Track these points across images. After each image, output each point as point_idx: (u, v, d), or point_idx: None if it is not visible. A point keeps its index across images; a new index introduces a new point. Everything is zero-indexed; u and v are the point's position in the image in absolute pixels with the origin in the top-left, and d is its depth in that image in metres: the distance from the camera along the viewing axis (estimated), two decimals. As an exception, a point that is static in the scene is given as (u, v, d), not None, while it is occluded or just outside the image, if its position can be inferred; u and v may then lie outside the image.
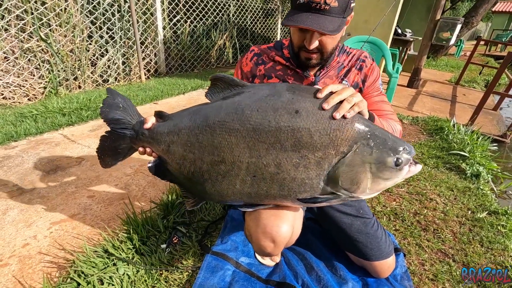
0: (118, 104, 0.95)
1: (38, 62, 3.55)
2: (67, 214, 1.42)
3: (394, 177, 0.77)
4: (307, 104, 0.75)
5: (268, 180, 0.80)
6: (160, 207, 1.41)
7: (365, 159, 0.74)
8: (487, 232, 1.54)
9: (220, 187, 0.87)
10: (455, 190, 1.92)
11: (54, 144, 2.12)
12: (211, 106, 0.84)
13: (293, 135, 0.75)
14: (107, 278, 1.07)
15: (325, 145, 0.74)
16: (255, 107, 0.76)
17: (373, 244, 1.13)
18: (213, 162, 0.84)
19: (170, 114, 0.92)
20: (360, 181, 0.76)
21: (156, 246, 1.24)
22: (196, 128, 0.84)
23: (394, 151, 0.74)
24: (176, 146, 0.89)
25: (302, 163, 0.76)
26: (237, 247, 1.29)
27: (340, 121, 0.73)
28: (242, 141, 0.78)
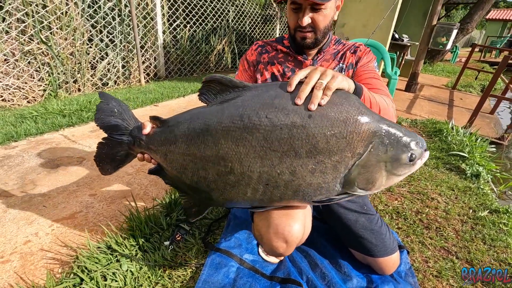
0: (113, 108, 0.90)
1: (38, 64, 3.55)
2: (68, 212, 1.41)
3: (407, 172, 0.77)
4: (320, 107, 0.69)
5: (282, 187, 0.76)
6: (163, 205, 1.40)
7: (380, 158, 0.72)
8: (489, 230, 1.54)
9: (229, 196, 0.82)
10: (456, 190, 1.93)
11: (54, 144, 2.11)
12: (210, 112, 0.77)
13: (308, 141, 0.69)
14: (110, 274, 1.05)
15: (341, 148, 0.70)
16: (264, 113, 0.70)
17: (378, 240, 1.13)
18: (220, 173, 0.78)
19: (166, 119, 0.86)
20: (376, 180, 0.75)
21: (159, 243, 1.23)
22: (196, 137, 0.78)
23: (408, 147, 0.73)
24: (174, 155, 0.83)
25: (319, 168, 0.72)
26: (240, 244, 1.28)
27: (355, 123, 0.69)
28: (252, 151, 0.72)
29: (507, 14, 18.32)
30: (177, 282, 1.10)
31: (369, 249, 1.14)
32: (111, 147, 0.93)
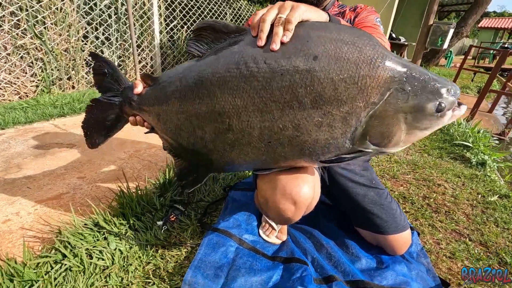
0: (104, 69, 0.85)
1: (31, 59, 3.47)
2: (54, 193, 1.30)
3: (434, 126, 0.64)
4: (327, 46, 0.59)
5: (286, 145, 0.67)
6: (157, 185, 1.31)
7: (399, 107, 0.61)
8: (500, 213, 1.46)
9: (229, 157, 0.74)
10: (462, 177, 1.86)
11: (43, 132, 2.01)
12: (204, 62, 0.68)
13: (313, 88, 0.60)
14: (97, 252, 0.95)
15: (352, 97, 0.60)
16: (262, 57, 0.61)
17: (388, 216, 1.05)
18: (218, 131, 0.70)
19: (157, 76, 0.79)
20: (393, 134, 0.63)
21: (152, 223, 1.14)
22: (189, 91, 0.69)
23: (436, 94, 0.60)
24: (167, 115, 0.75)
25: (326, 121, 0.62)
26: (240, 225, 1.19)
27: (370, 65, 0.58)
28: (250, 103, 0.64)
29: (498, 22, 18.74)
30: (171, 262, 1.00)
31: (379, 225, 1.05)
32: (101, 110, 0.86)
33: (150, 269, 0.96)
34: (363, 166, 1.14)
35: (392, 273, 1.01)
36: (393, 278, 1.00)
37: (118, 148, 1.81)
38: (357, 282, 0.98)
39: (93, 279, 0.89)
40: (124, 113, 0.85)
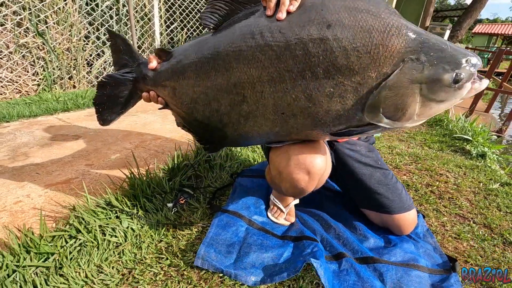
0: (119, 46, 0.85)
1: (33, 58, 3.48)
2: (63, 178, 1.31)
3: (451, 98, 0.61)
4: (341, 14, 0.59)
5: (299, 116, 0.68)
6: (166, 170, 1.32)
7: (414, 78, 0.59)
8: (503, 199, 1.49)
9: (244, 130, 0.75)
10: (463, 167, 1.89)
11: (48, 125, 2.02)
12: (220, 34, 0.69)
13: (325, 57, 0.60)
14: (110, 230, 0.96)
15: (364, 66, 0.59)
16: (276, 27, 0.62)
17: (394, 195, 1.07)
18: (233, 102, 0.71)
19: (172, 50, 0.80)
20: (407, 106, 0.61)
21: (162, 205, 1.15)
22: (206, 63, 0.70)
23: (453, 64, 0.58)
24: (183, 88, 0.76)
25: (337, 92, 0.63)
26: (249, 207, 1.20)
27: (383, 34, 0.58)
28: (265, 73, 0.65)
29: (491, 28, 19.14)
30: (182, 241, 1.01)
31: (386, 205, 1.07)
32: (114, 86, 0.86)
33: (162, 246, 0.97)
34: (368, 148, 1.17)
35: (400, 251, 1.03)
36: (402, 255, 1.02)
37: (124, 139, 1.82)
38: (367, 259, 1.00)
39: (106, 254, 0.89)
40: (138, 89, 0.86)
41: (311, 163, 0.80)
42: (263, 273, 0.90)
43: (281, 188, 0.91)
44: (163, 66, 0.80)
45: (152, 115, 2.43)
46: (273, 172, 0.91)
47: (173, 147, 1.74)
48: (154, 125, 2.14)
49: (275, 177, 0.91)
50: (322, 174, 0.85)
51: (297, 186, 0.84)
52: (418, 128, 2.81)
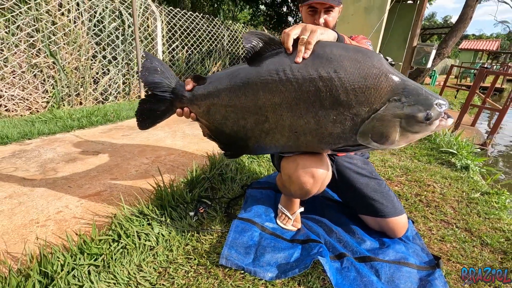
0: (156, 67, 0.99)
1: (44, 77, 3.66)
2: (94, 191, 1.46)
3: (423, 131, 0.81)
4: (345, 63, 0.78)
5: (308, 135, 0.88)
6: (185, 182, 1.48)
7: (396, 114, 0.78)
8: (482, 207, 1.68)
9: (263, 143, 0.94)
10: (449, 179, 2.09)
11: (68, 142, 2.18)
12: (251, 67, 0.88)
13: (331, 94, 0.79)
14: (144, 235, 1.12)
15: (359, 102, 0.79)
16: (296, 67, 0.81)
17: (387, 201, 1.25)
18: (257, 121, 0.90)
19: (207, 76, 0.97)
20: (390, 134, 0.81)
21: (185, 213, 1.31)
22: (238, 89, 0.89)
23: (426, 106, 0.77)
24: (217, 108, 0.93)
25: (339, 119, 0.82)
26: (260, 215, 1.37)
27: (375, 80, 0.76)
28: (285, 101, 0.84)
29: (477, 44, 20.02)
30: (205, 244, 1.17)
31: (381, 210, 1.25)
32: (154, 103, 1.01)
33: (189, 249, 1.13)
34: (364, 161, 1.36)
35: (393, 251, 1.20)
36: (394, 254, 1.19)
37: (140, 155, 1.99)
38: (364, 258, 1.16)
39: (144, 255, 1.05)
40: (174, 106, 1.02)
41: (316, 169, 1.00)
42: (278, 270, 1.06)
43: (291, 190, 1.09)
44: (200, 89, 0.96)
45: (162, 131, 2.61)
46: (284, 177, 1.10)
47: (186, 162, 1.91)
48: (166, 141, 2.31)
49: (285, 181, 1.10)
50: (324, 179, 1.04)
51: (303, 187, 1.03)
52: (408, 142, 3.02)
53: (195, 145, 2.29)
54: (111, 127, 2.62)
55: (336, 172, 1.34)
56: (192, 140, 2.41)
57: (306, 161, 1.00)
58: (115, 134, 2.42)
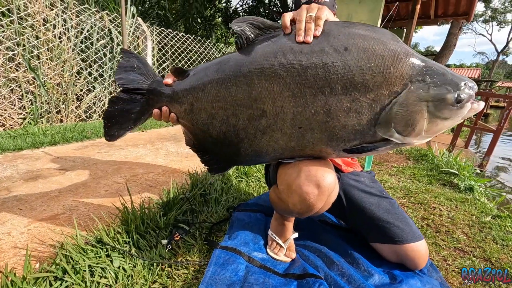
0: (132, 64, 0.86)
1: (21, 92, 3.45)
2: (49, 214, 1.22)
3: (454, 116, 0.68)
4: (357, 40, 0.66)
5: (316, 130, 0.71)
6: (160, 203, 1.26)
7: (421, 97, 0.66)
8: (497, 232, 1.50)
9: (259, 146, 0.77)
10: (454, 201, 1.92)
11: (34, 158, 1.94)
12: (242, 54, 0.73)
13: (343, 75, 0.66)
14: (99, 270, 0.88)
15: (378, 84, 0.66)
16: (298, 48, 0.68)
17: (404, 224, 1.06)
18: (251, 117, 0.73)
19: (190, 69, 0.82)
20: (416, 122, 0.67)
21: (156, 241, 1.08)
22: (227, 79, 0.73)
23: (454, 86, 0.66)
24: (202, 103, 0.77)
25: (354, 107, 0.67)
26: (247, 243, 1.15)
27: (393, 57, 0.65)
28: (286, 88, 0.69)
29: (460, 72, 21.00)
30: (178, 281, 0.94)
31: (397, 234, 1.04)
32: (127, 102, 0.86)
33: (157, 287, 0.90)
34: (372, 179, 1.19)
35: (407, 287, 0.99)
36: (409, 292, 0.98)
37: (114, 173, 1.76)
38: (374, 297, 0.95)
39: (95, 298, 0.81)
40: (150, 106, 0.86)
41: (322, 176, 0.78)
42: (268, 315, 0.84)
43: (288, 203, 0.87)
44: (182, 83, 0.81)
45: (143, 149, 2.40)
46: (281, 187, 0.88)
47: (166, 181, 1.69)
48: (146, 159, 2.10)
49: (282, 191, 0.88)
50: (332, 191, 0.83)
51: (305, 199, 0.80)
52: (406, 163, 2.88)
53: (178, 163, 2.09)
54: (87, 144, 2.40)
55: (343, 194, 1.15)
56: (176, 158, 2.20)
57: (310, 167, 0.79)
58: (90, 151, 2.20)
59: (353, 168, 1.24)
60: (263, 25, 0.73)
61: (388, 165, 2.73)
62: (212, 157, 0.84)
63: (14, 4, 3.32)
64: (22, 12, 3.40)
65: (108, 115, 0.88)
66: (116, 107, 0.87)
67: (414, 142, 0.72)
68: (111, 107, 0.87)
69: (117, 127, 0.89)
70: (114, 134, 0.89)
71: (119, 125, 0.89)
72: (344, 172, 1.18)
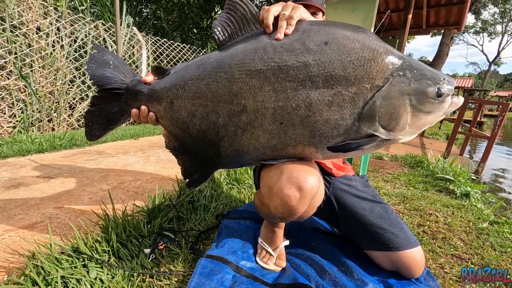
0: (108, 61, 0.83)
1: (12, 100, 3.41)
2: (26, 222, 1.16)
3: (436, 110, 0.68)
4: (337, 35, 0.67)
5: (298, 126, 0.69)
6: (145, 210, 1.21)
7: (403, 90, 0.66)
8: (495, 238, 1.46)
9: (239, 144, 0.74)
10: (451, 207, 1.88)
11: (18, 166, 1.88)
12: (223, 50, 0.74)
13: (324, 69, 0.66)
14: (74, 282, 0.82)
15: (359, 78, 0.66)
16: (278, 43, 0.68)
17: (398, 229, 1.01)
18: (232, 113, 0.72)
19: (170, 67, 0.82)
20: (400, 115, 0.67)
21: (138, 251, 1.02)
22: (208, 76, 0.72)
23: (434, 80, 0.67)
24: (182, 100, 0.76)
25: (336, 101, 0.67)
26: (235, 252, 1.09)
27: (374, 51, 0.66)
28: (266, 82, 0.68)
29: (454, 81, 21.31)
30: (160, 293, 0.88)
31: (392, 241, 1.00)
32: (106, 102, 0.84)
33: (135, 300, 0.83)
34: (364, 183, 1.15)
35: (403, 297, 0.94)
36: (405, 301, 0.93)
37: (101, 181, 1.70)
38: (368, 307, 0.89)
39: (67, 312, 0.75)
40: (129, 105, 0.84)
41: (304, 179, 0.75)
42: (254, 329, 0.78)
43: (270, 207, 0.83)
44: (162, 81, 0.80)
45: (134, 156, 2.34)
46: (263, 190, 0.84)
47: (155, 188, 1.64)
48: (135, 166, 2.04)
49: (264, 195, 0.84)
50: (315, 195, 0.79)
51: (287, 203, 0.76)
52: (401, 170, 2.85)
53: (168, 170, 2.03)
54: (76, 152, 2.34)
55: (334, 199, 1.10)
56: (166, 166, 2.15)
57: (293, 168, 0.76)
58: (79, 159, 2.14)
59: (345, 172, 1.20)
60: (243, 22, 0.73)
61: (383, 172, 2.70)
62: (192, 162, 0.81)
63: (6, 13, 3.31)
64: (15, 20, 3.39)
65: (89, 114, 0.86)
66: (96, 106, 0.86)
67: (399, 137, 0.71)
68: (91, 106, 0.86)
69: (97, 127, 0.87)
70: (94, 134, 0.88)
71: (99, 125, 0.87)
72: (335, 176, 1.15)
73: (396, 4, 5.38)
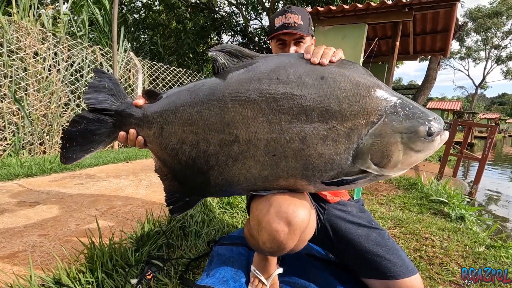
0: (104, 84, 0.83)
1: (4, 123, 3.38)
2: (7, 251, 1.11)
3: (426, 149, 0.69)
4: (332, 69, 0.68)
5: (291, 159, 0.68)
6: (133, 238, 1.16)
7: (395, 129, 0.66)
8: (493, 263, 1.43)
9: (230, 174, 0.73)
10: (446, 230, 1.86)
11: (5, 191, 1.83)
12: (217, 79, 0.73)
13: (320, 103, 0.65)
14: (53, 317, 0.77)
15: (354, 113, 0.66)
16: (274, 75, 0.68)
17: (395, 257, 0.99)
18: (223, 143, 0.70)
19: (163, 92, 0.80)
20: (392, 153, 0.68)
21: (125, 281, 0.97)
22: (200, 103, 0.72)
23: (425, 120, 0.68)
24: (172, 127, 0.75)
25: (331, 135, 0.67)
26: (227, 281, 1.05)
27: (368, 88, 0.67)
28: (260, 114, 0.67)
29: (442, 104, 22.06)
30: (145, 328, 0.83)
31: (389, 269, 0.97)
32: (91, 123, 0.81)
33: (119, 336, 0.78)
34: (360, 209, 1.13)
35: (401, 329, 0.90)
36: (404, 334, 0.88)
37: (90, 206, 1.66)
38: None
39: None
40: (117, 127, 0.82)
41: (294, 213, 0.73)
42: None
43: (259, 241, 0.79)
44: (153, 105, 0.79)
45: (125, 179, 2.30)
46: (252, 222, 0.81)
47: (144, 213, 1.59)
48: (127, 190, 2.00)
49: (253, 227, 0.81)
50: (304, 229, 0.77)
51: (275, 237, 0.74)
52: (395, 192, 2.85)
53: (160, 194, 1.99)
54: (66, 175, 2.29)
55: (329, 226, 1.08)
56: (158, 189, 2.11)
57: (282, 201, 0.74)
58: (68, 183, 2.09)
59: (340, 197, 1.19)
60: (240, 53, 0.74)
61: (377, 194, 2.69)
62: (178, 189, 0.79)
63: (5, 38, 3.37)
64: (13, 45, 3.44)
65: (68, 134, 0.82)
66: (78, 126, 0.82)
67: (391, 174, 0.71)
68: (72, 126, 0.82)
69: (76, 148, 0.82)
70: (71, 157, 0.83)
71: (79, 146, 0.82)
72: (330, 202, 1.13)
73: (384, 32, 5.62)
